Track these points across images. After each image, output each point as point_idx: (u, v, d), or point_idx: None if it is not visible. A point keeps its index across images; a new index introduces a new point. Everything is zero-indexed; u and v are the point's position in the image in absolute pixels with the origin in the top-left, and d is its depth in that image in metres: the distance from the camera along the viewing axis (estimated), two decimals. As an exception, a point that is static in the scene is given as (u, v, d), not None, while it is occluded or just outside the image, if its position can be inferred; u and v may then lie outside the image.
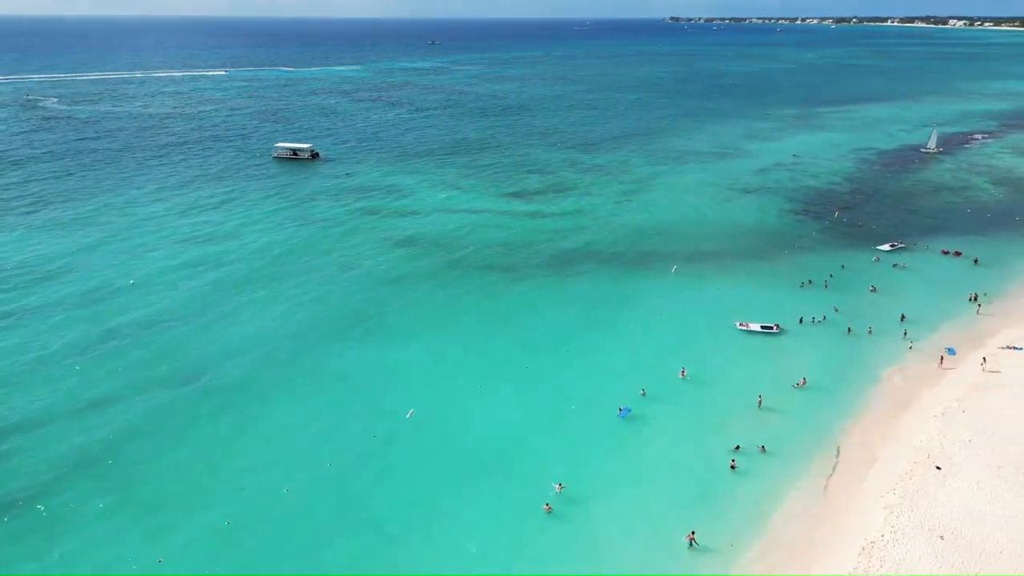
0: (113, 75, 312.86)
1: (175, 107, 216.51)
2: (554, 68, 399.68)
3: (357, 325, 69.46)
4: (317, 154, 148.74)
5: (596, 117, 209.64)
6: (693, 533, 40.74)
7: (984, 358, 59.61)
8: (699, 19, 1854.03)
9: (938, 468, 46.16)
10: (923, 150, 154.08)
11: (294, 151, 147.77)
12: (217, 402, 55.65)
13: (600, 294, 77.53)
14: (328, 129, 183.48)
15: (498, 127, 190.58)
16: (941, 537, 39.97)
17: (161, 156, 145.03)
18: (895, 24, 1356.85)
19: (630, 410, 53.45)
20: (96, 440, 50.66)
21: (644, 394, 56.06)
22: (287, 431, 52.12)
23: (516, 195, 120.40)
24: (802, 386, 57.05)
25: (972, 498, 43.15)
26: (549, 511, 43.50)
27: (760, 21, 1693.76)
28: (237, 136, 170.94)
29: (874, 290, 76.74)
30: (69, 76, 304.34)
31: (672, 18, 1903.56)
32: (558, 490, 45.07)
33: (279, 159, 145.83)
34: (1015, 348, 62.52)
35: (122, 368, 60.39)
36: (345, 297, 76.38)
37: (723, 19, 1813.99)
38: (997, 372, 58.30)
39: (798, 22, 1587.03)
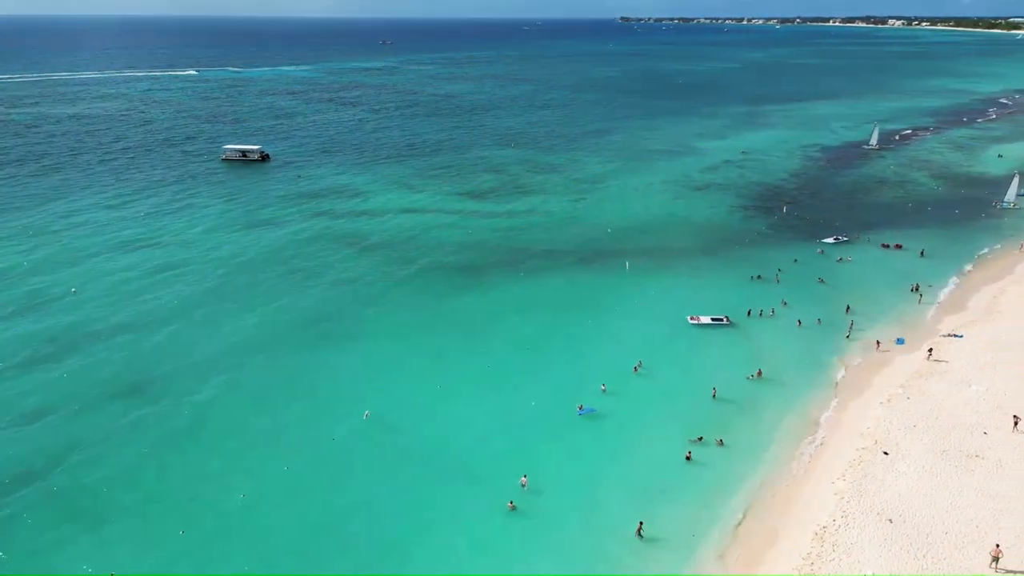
0: (53, 76, 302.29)
1: (119, 109, 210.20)
2: (508, 68, 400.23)
3: (312, 328, 68.46)
4: (268, 156, 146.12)
5: (550, 117, 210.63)
6: (641, 524, 41.29)
7: (930, 349, 61.52)
8: (649, 19, 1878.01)
9: (885, 453, 47.63)
10: (865, 146, 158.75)
11: (243, 153, 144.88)
12: (166, 410, 54.22)
13: (557, 292, 77.94)
14: (279, 130, 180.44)
15: (453, 127, 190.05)
16: (890, 520, 41.24)
17: (105, 160, 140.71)
18: (837, 24, 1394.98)
19: (595, 410, 53.71)
20: (39, 450, 48.90)
21: (605, 389, 56.57)
22: (240, 437, 51.05)
23: (472, 195, 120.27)
24: (758, 377, 58.20)
25: (918, 482, 44.64)
26: (513, 508, 43.53)
27: (708, 21, 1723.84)
28: (184, 138, 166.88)
29: (822, 282, 78.76)
30: (4, 78, 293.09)
31: (623, 18, 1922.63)
32: (524, 483, 45.18)
33: (228, 161, 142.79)
34: (956, 336, 64.86)
35: (67, 378, 58.47)
36: (298, 300, 75.22)
37: (672, 19, 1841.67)
38: (939, 360, 60.29)
39: (744, 22, 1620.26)
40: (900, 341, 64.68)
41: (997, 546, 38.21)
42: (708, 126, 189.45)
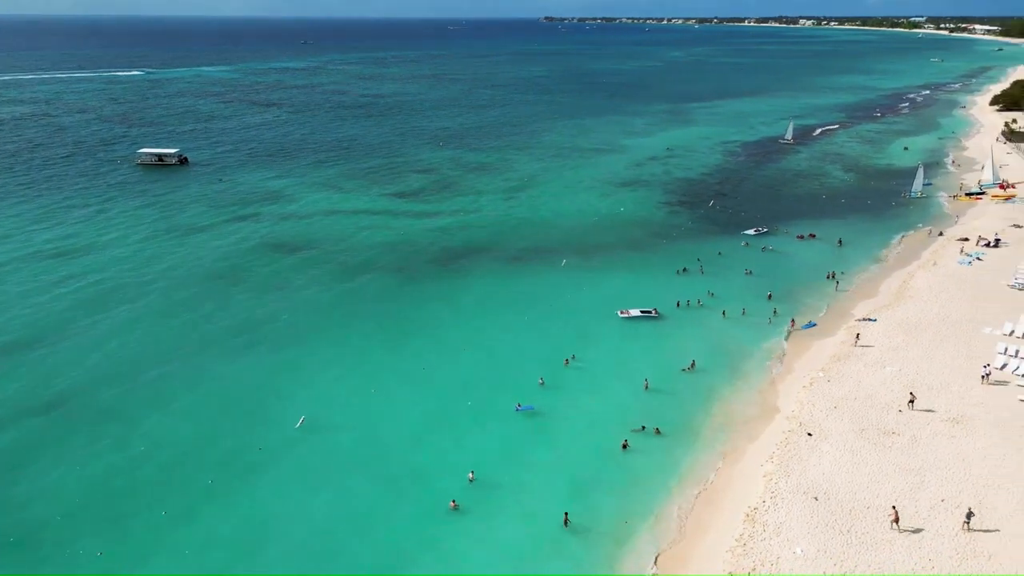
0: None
1: (25, 114, 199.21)
2: (434, 67, 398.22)
3: (238, 336, 66.48)
4: (186, 159, 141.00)
5: (479, 116, 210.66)
6: (567, 514, 41.91)
7: (858, 334, 64.12)
8: (573, 19, 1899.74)
9: (809, 435, 49.63)
10: (782, 141, 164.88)
11: (160, 157, 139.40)
12: (85, 426, 51.71)
13: (490, 290, 78.09)
14: (198, 133, 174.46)
15: (380, 127, 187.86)
16: (815, 498, 42.99)
17: (11, 166, 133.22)
18: (752, 24, 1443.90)
19: (533, 407, 53.97)
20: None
21: (543, 383, 57.06)
22: (162, 451, 49.14)
23: (402, 195, 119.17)
24: (691, 369, 59.58)
25: (840, 460, 46.69)
26: (455, 507, 43.33)
27: (630, 21, 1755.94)
28: (96, 143, 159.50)
29: (749, 273, 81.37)
30: None
31: (547, 18, 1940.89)
32: (471, 478, 45.25)
33: (144, 166, 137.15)
34: (870, 320, 68.12)
35: (-27, 398, 55.00)
36: (222, 307, 72.95)
37: (595, 19, 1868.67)
38: (856, 343, 63.11)
39: (664, 22, 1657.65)
40: (809, 325, 67.53)
41: (894, 507, 40.97)
42: (634, 124, 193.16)
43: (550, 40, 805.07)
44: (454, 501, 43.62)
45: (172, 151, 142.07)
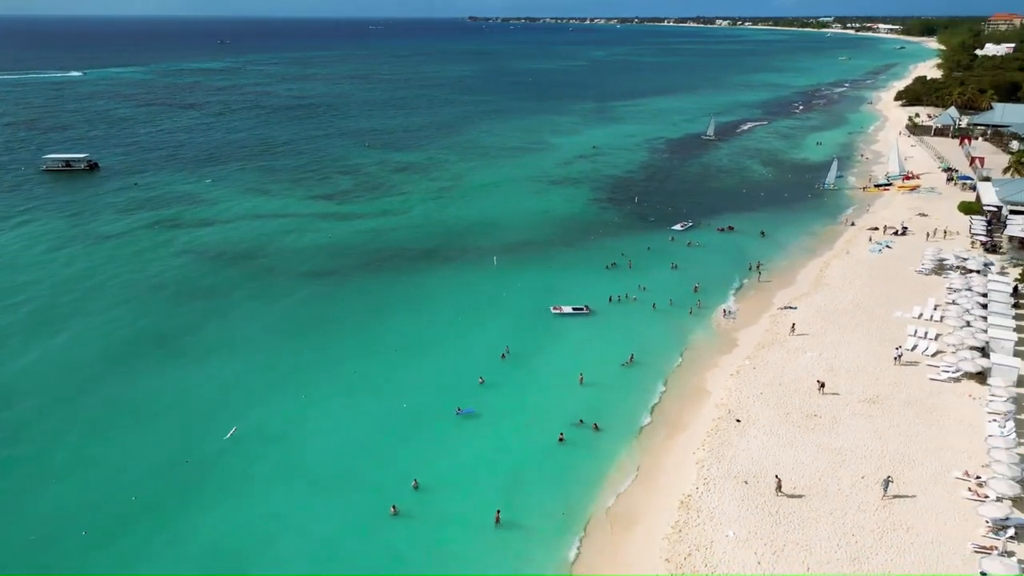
0: None
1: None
2: (358, 67, 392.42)
3: (160, 347, 63.93)
4: (96, 164, 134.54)
5: (405, 116, 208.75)
6: (499, 512, 42.01)
7: (793, 324, 65.87)
8: (497, 19, 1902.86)
9: (738, 421, 51.23)
10: (704, 137, 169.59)
11: (67, 162, 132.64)
12: (-4, 449, 48.81)
13: (423, 291, 77.49)
14: (109, 137, 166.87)
15: (304, 128, 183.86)
16: (745, 482, 44.41)
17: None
18: (671, 24, 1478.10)
19: (473, 410, 53.79)
20: None
21: (483, 381, 57.07)
22: (82, 470, 46.89)
23: (329, 197, 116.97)
24: (630, 363, 60.49)
25: (767, 444, 48.39)
26: (395, 513, 42.74)
27: (553, 21, 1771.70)
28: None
29: (675, 267, 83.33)
30: None
31: (471, 17, 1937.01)
32: (415, 485, 44.78)
33: (50, 172, 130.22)
34: (791, 308, 70.82)
35: None
36: (141, 317, 70.08)
37: (519, 19, 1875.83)
38: (792, 332, 64.94)
39: (587, 21, 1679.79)
40: (731, 315, 69.77)
41: (777, 476, 43.53)
42: (560, 123, 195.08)
43: (475, 40, 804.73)
44: (395, 506, 43.01)
45: (81, 156, 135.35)
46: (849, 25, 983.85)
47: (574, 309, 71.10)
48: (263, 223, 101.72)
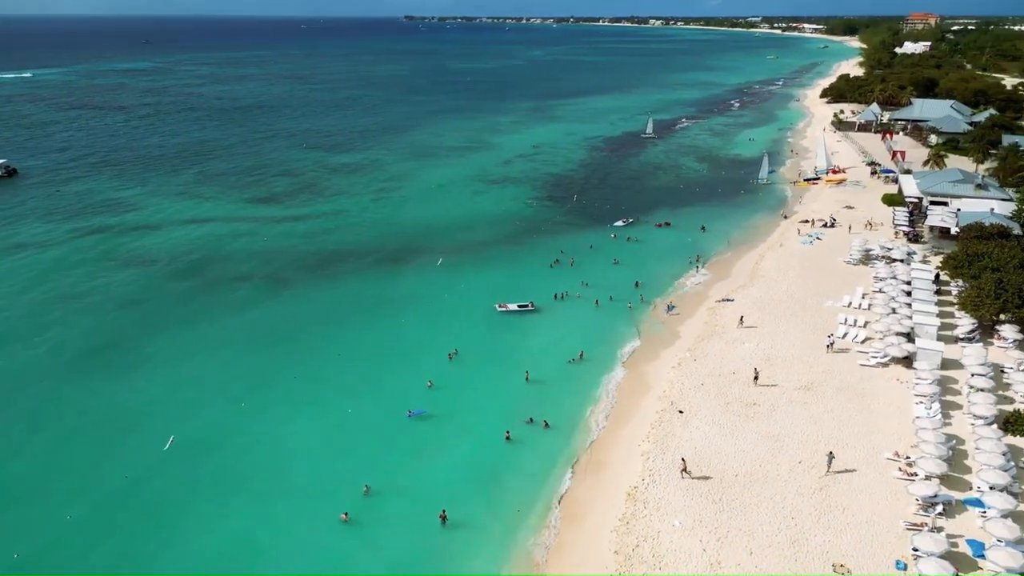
0: None
1: None
2: (292, 67, 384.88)
3: (91, 359, 61.51)
4: (14, 171, 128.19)
5: (343, 116, 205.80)
6: (444, 512, 42.02)
7: (742, 316, 67.21)
8: (433, 18, 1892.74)
9: (680, 412, 52.32)
10: (643, 135, 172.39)
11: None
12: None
13: (366, 293, 76.65)
14: (29, 142, 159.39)
15: (237, 129, 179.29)
16: (690, 472, 45.39)
17: None
18: (606, 24, 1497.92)
19: (424, 411, 53.46)
20: None
21: (431, 385, 56.68)
22: (10, 488, 44.75)
23: (266, 200, 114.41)
24: (580, 360, 61.03)
25: (708, 433, 49.58)
26: (346, 519, 42.06)
27: (490, 20, 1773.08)
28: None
29: (617, 263, 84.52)
30: None
31: (407, 17, 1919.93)
32: (367, 490, 44.21)
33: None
34: (728, 300, 72.70)
35: None
36: (71, 329, 67.22)
37: (456, 18, 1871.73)
38: (741, 324, 66.31)
39: (523, 21, 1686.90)
40: (671, 308, 71.27)
41: (683, 459, 45.25)
42: (499, 122, 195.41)
43: (412, 39, 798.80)
44: (346, 514, 42.30)
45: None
46: (776, 25, 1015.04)
47: (519, 306, 71.43)
48: (197, 229, 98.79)
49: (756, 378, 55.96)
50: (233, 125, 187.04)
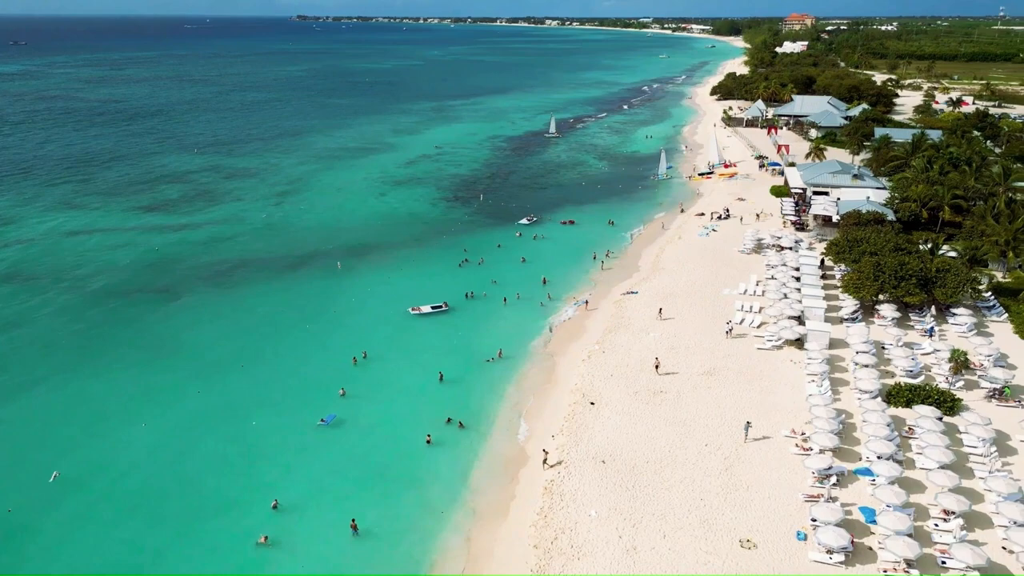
0: None
1: None
2: (178, 68, 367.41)
3: (-35, 385, 56.67)
4: None
5: (234, 119, 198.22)
6: (354, 520, 41.31)
7: (660, 308, 68.76)
8: (327, 18, 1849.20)
9: (592, 404, 53.41)
10: (546, 134, 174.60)
11: None
12: None
13: (269, 301, 74.14)
14: None
15: (121, 135, 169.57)
16: (603, 461, 46.43)
17: None
18: (503, 24, 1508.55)
19: (335, 416, 52.25)
20: None
21: (344, 393, 55.42)
22: None
23: (155, 208, 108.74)
24: (499, 358, 61.19)
25: (620, 423, 50.84)
26: (265, 542, 40.23)
27: (386, 20, 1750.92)
28: None
29: (524, 261, 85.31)
30: None
31: (299, 16, 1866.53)
32: (275, 505, 42.60)
33: None
34: (633, 292, 74.78)
35: None
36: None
37: (351, 18, 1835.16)
38: (660, 316, 68.09)
39: (421, 21, 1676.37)
40: (579, 303, 72.73)
41: (544, 450, 47.11)
42: (400, 122, 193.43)
43: (306, 39, 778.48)
44: (265, 536, 40.49)
45: None
46: (666, 25, 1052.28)
47: (433, 307, 71.01)
48: (78, 240, 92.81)
49: (657, 367, 57.63)
50: (115, 130, 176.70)
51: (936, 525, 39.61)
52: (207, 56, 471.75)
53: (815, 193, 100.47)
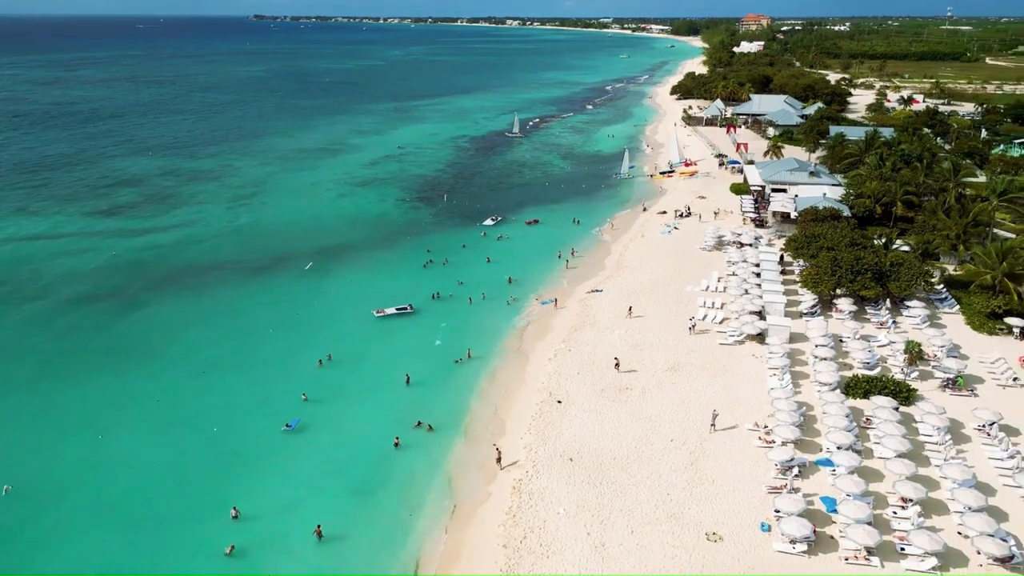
0: None
1: None
2: (134, 69, 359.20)
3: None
4: None
5: (192, 120, 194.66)
6: (320, 527, 40.93)
7: (631, 307, 69.04)
8: (286, 18, 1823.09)
9: (559, 402, 53.70)
10: (508, 134, 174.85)
11: None
12: None
13: (231, 306, 73.02)
14: None
15: (74, 138, 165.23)
16: (571, 459, 46.74)
17: None
18: (464, 24, 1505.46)
19: (299, 419, 51.70)
20: None
21: (306, 398, 54.79)
22: None
23: (110, 213, 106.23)
24: (468, 358, 61.13)
25: (586, 420, 51.21)
26: (231, 552, 39.53)
27: (346, 20, 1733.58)
28: None
29: (489, 261, 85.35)
30: None
31: (257, 16, 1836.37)
32: (234, 514, 41.91)
33: None
34: (597, 291, 75.36)
35: None
36: None
37: (310, 18, 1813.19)
38: (630, 315, 68.41)
39: (381, 21, 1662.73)
40: (547, 302, 73.03)
41: (497, 449, 47.46)
42: (362, 123, 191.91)
43: (264, 39, 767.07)
44: (232, 546, 39.82)
45: None
46: (626, 26, 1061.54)
47: (398, 309, 70.60)
48: (30, 247, 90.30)
49: (617, 366, 58.03)
50: (67, 133, 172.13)
51: (895, 512, 40.73)
52: (162, 56, 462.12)
53: (773, 190, 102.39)
